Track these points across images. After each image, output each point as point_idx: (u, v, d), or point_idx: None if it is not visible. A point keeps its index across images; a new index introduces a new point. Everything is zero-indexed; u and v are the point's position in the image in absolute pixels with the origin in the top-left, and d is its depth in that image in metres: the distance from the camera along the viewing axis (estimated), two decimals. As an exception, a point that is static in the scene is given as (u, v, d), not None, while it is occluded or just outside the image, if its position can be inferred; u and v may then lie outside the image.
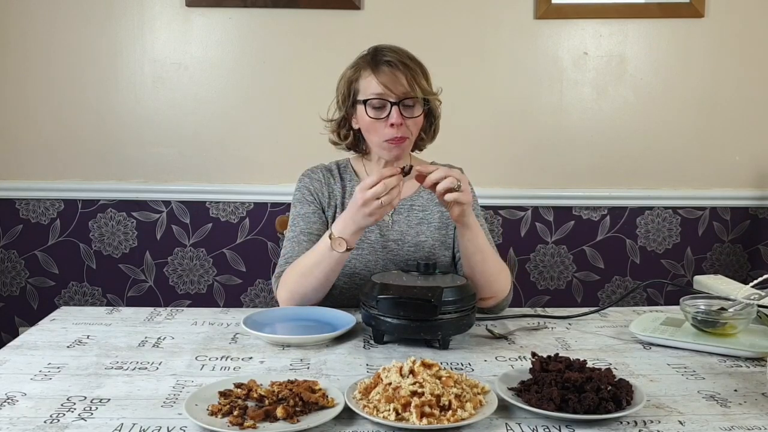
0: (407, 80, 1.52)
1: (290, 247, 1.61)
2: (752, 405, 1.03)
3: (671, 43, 2.55)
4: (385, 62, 1.54)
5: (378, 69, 1.54)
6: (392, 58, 1.54)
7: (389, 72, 1.53)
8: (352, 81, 1.59)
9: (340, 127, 1.66)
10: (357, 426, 0.95)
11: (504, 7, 2.52)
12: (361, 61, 1.59)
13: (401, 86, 1.52)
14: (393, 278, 1.33)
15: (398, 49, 1.58)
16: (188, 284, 2.65)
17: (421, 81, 1.55)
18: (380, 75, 1.53)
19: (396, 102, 1.52)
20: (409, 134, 1.56)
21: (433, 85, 1.61)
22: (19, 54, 2.53)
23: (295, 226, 1.64)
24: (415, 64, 1.56)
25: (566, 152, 2.60)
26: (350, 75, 1.59)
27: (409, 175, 1.41)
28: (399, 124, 1.53)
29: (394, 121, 1.52)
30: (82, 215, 2.61)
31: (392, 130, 1.53)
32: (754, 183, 2.63)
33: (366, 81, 1.55)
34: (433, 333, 1.26)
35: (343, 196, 1.67)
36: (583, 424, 0.95)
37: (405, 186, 1.68)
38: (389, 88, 1.52)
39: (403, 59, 1.55)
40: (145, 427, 0.95)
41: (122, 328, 1.39)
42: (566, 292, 2.67)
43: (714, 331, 1.28)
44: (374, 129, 1.56)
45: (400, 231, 1.63)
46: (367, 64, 1.56)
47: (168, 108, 2.57)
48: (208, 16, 2.52)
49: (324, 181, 1.67)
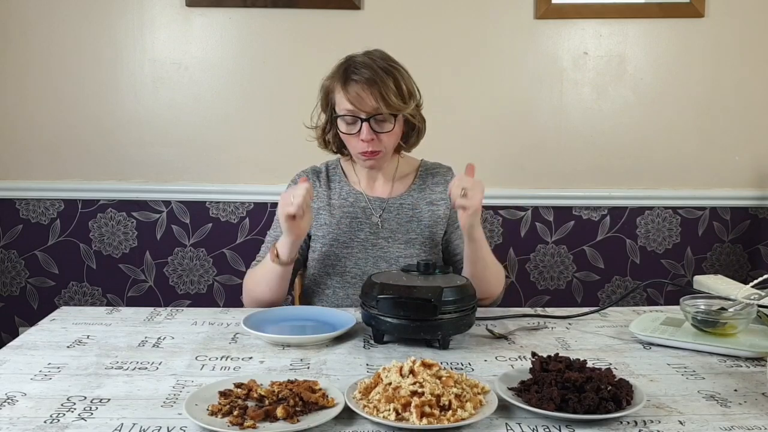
0: (374, 98, 1.51)
1: (263, 250, 1.68)
2: (752, 405, 1.03)
3: (671, 43, 2.55)
4: (353, 80, 1.52)
5: (346, 86, 1.53)
6: (360, 77, 1.51)
7: (358, 89, 1.52)
8: (329, 92, 1.60)
9: (324, 132, 1.67)
10: (357, 426, 0.95)
11: (504, 7, 2.52)
12: (336, 73, 1.58)
13: (369, 103, 1.51)
14: (393, 278, 1.33)
15: (370, 63, 1.54)
16: (188, 284, 2.65)
17: (390, 97, 1.51)
18: (349, 92, 1.52)
19: (366, 119, 1.53)
20: (382, 148, 1.57)
21: (416, 89, 1.59)
22: (19, 54, 2.53)
23: (273, 230, 1.69)
24: (389, 77, 1.53)
25: (566, 152, 2.60)
26: (327, 85, 1.60)
27: None
28: (369, 140, 1.54)
29: (364, 137, 1.54)
30: (82, 215, 2.61)
31: (364, 145, 1.55)
32: (754, 183, 2.63)
33: (339, 96, 1.56)
34: (433, 333, 1.26)
35: (329, 198, 1.68)
36: (583, 424, 0.95)
37: (395, 185, 1.70)
38: (356, 106, 1.52)
39: (374, 75, 1.51)
40: (145, 427, 0.95)
41: (122, 328, 1.39)
42: (566, 292, 2.67)
43: (714, 331, 1.28)
44: (349, 142, 1.59)
45: (390, 229, 1.65)
46: (339, 78, 1.56)
47: (168, 108, 2.57)
48: (208, 16, 2.52)
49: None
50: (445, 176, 1.73)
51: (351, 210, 1.66)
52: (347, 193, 1.68)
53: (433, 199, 1.69)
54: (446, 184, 1.71)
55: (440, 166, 1.76)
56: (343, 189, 1.69)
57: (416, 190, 1.69)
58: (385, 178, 1.70)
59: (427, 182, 1.71)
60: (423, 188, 1.70)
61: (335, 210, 1.66)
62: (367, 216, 1.66)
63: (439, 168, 1.75)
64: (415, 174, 1.73)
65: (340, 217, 1.65)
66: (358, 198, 1.68)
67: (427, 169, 1.74)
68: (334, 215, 1.66)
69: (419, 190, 1.70)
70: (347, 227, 1.64)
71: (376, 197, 1.68)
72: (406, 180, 1.71)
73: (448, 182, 1.72)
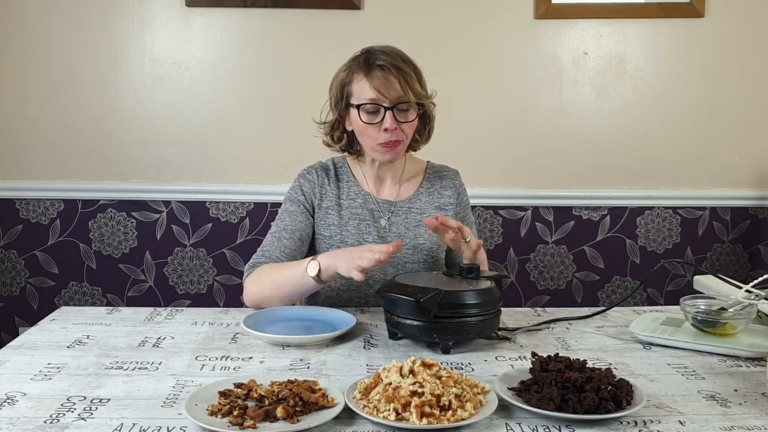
0: (400, 84, 1.50)
1: (270, 241, 1.62)
2: (752, 405, 1.03)
3: (671, 43, 2.55)
4: (378, 66, 1.51)
5: (371, 73, 1.51)
6: (385, 62, 1.51)
7: (382, 76, 1.51)
8: (345, 84, 1.56)
9: (333, 129, 1.64)
10: (357, 426, 0.95)
11: (504, 7, 2.52)
12: (354, 63, 1.56)
13: (394, 91, 1.50)
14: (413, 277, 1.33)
15: (391, 51, 1.55)
16: (188, 284, 2.65)
17: (414, 85, 1.52)
18: (373, 79, 1.51)
19: (390, 107, 1.51)
20: (404, 137, 1.55)
21: (427, 86, 1.59)
22: (19, 54, 2.53)
23: (281, 221, 1.64)
24: (409, 67, 1.54)
25: (566, 152, 2.60)
26: (343, 77, 1.57)
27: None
28: (393, 129, 1.51)
29: (388, 126, 1.51)
30: (82, 215, 2.61)
31: (386, 135, 1.52)
32: (754, 183, 2.63)
33: (359, 85, 1.53)
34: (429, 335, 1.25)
35: (338, 197, 1.66)
36: (583, 424, 0.95)
37: (403, 188, 1.69)
38: (382, 93, 1.50)
39: (396, 62, 1.52)
40: (145, 427, 0.95)
41: (122, 328, 1.39)
42: (566, 292, 2.67)
43: (714, 331, 1.28)
44: (368, 133, 1.55)
45: (398, 233, 1.63)
46: (359, 68, 1.53)
47: (168, 108, 2.57)
48: (208, 16, 2.52)
49: (318, 183, 1.66)
50: (453, 180, 1.71)
51: (359, 212, 1.64)
52: (356, 193, 1.66)
53: (442, 204, 1.67)
54: (454, 189, 1.70)
55: (448, 169, 1.74)
56: (351, 189, 1.66)
57: (424, 194, 1.68)
58: (393, 179, 1.68)
59: (435, 186, 1.69)
60: (431, 192, 1.69)
61: (344, 211, 1.64)
62: (375, 219, 1.64)
63: (447, 171, 1.73)
64: (422, 176, 1.71)
65: (348, 219, 1.63)
66: (366, 200, 1.65)
67: (434, 171, 1.73)
68: (342, 216, 1.63)
69: (427, 194, 1.68)
70: (355, 229, 1.62)
71: (384, 200, 1.66)
72: (413, 182, 1.70)
73: (456, 186, 1.71)
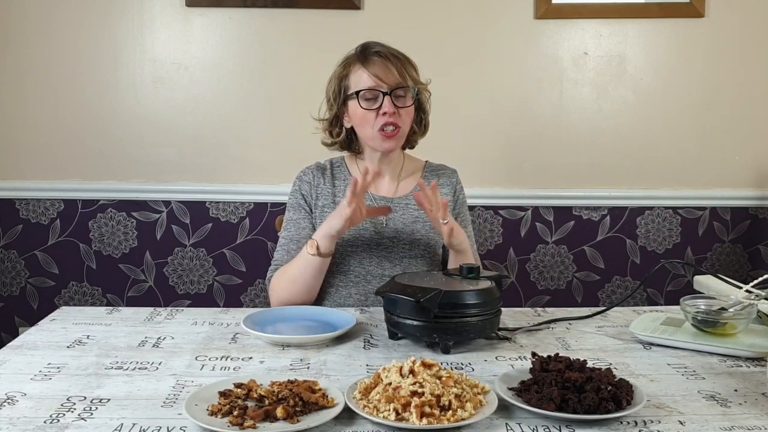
0: (398, 70, 1.56)
1: (280, 254, 1.66)
2: (752, 405, 1.03)
3: (671, 43, 2.55)
4: (375, 53, 1.58)
5: (368, 61, 1.57)
6: (381, 50, 1.59)
7: (380, 62, 1.57)
8: (342, 78, 1.61)
9: (332, 125, 1.68)
10: (357, 426, 0.95)
11: (504, 7, 2.52)
12: (351, 57, 1.62)
13: (392, 76, 1.56)
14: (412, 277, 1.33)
15: (385, 44, 1.63)
16: (188, 284, 2.65)
17: (411, 71, 1.59)
18: (371, 66, 1.56)
19: (388, 92, 1.55)
20: (402, 123, 1.58)
21: (421, 79, 1.64)
22: (19, 54, 2.53)
23: (286, 231, 1.68)
24: (404, 57, 1.61)
25: (566, 152, 2.60)
26: (340, 72, 1.62)
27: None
28: (392, 112, 1.55)
29: (386, 109, 1.55)
30: (82, 215, 2.61)
31: (385, 118, 1.56)
32: (754, 183, 2.63)
33: (357, 75, 1.58)
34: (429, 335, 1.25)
35: (333, 195, 1.67)
36: (583, 424, 0.95)
37: (401, 185, 1.70)
38: (380, 78, 1.55)
39: (392, 51, 1.60)
40: (145, 427, 0.95)
41: (122, 328, 1.39)
42: (566, 292, 2.67)
43: (714, 331, 1.28)
44: (367, 121, 1.58)
45: (395, 229, 1.64)
46: (356, 59, 1.60)
47: (168, 108, 2.57)
48: (208, 16, 2.52)
49: (313, 183, 1.69)
50: (451, 178, 1.73)
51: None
52: None
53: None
54: (451, 186, 1.72)
55: (446, 168, 1.76)
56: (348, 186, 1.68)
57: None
58: (391, 176, 1.70)
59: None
60: None
61: None
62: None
63: (444, 169, 1.75)
64: (420, 174, 1.73)
65: None
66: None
67: (432, 169, 1.74)
68: None
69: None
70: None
71: (381, 196, 1.68)
72: (411, 180, 1.71)
73: (453, 184, 1.72)
